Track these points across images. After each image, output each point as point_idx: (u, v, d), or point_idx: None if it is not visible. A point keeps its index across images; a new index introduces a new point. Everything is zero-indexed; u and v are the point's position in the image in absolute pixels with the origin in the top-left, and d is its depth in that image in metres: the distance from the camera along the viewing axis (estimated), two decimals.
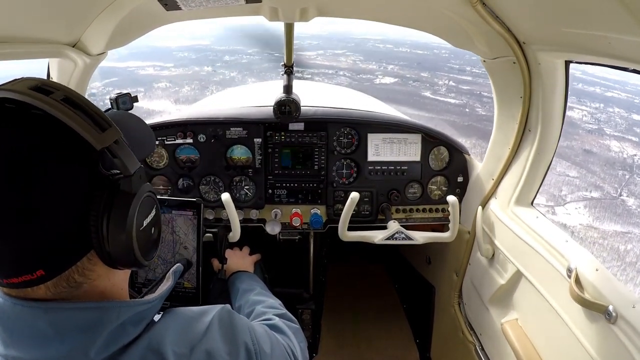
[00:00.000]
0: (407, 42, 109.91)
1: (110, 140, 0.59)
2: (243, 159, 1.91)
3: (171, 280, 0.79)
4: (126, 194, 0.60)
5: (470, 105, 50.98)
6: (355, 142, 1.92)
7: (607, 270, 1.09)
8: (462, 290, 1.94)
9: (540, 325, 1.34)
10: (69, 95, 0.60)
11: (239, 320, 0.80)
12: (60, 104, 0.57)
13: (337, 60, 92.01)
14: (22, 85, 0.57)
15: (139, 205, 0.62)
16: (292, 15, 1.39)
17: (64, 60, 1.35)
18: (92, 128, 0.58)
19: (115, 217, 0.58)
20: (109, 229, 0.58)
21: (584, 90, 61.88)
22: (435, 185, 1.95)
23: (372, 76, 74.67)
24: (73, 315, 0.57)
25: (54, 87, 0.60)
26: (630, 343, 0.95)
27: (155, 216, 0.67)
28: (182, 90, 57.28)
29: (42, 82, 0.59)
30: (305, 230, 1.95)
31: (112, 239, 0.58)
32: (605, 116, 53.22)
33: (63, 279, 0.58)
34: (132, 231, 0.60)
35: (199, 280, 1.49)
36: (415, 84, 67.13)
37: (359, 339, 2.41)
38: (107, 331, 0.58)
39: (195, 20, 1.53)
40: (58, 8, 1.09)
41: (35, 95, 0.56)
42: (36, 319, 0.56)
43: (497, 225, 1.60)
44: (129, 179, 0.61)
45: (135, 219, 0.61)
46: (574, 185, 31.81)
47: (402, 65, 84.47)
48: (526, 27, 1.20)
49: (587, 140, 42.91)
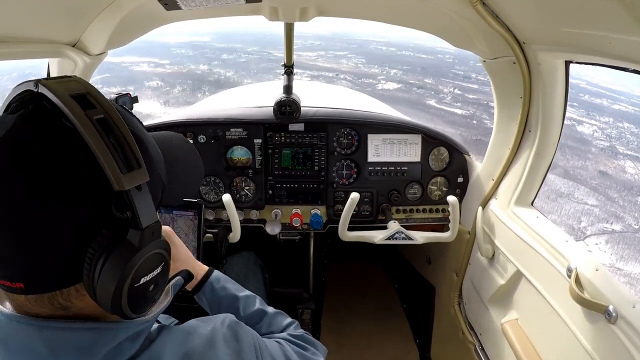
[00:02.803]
0: (410, 46, 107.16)
1: (131, 184, 0.52)
2: (243, 159, 1.91)
3: (170, 294, 0.74)
4: (130, 246, 0.54)
5: (478, 116, 47.56)
6: (355, 143, 1.92)
7: (607, 270, 1.09)
8: (462, 290, 1.94)
9: (540, 325, 1.34)
10: (109, 116, 0.54)
11: (243, 334, 0.76)
12: (94, 125, 0.51)
13: (338, 62, 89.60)
14: (65, 88, 0.53)
15: (141, 261, 0.55)
16: (292, 15, 1.39)
17: (64, 60, 1.35)
18: (117, 164, 0.51)
19: (111, 264, 0.52)
20: (100, 273, 0.52)
21: (591, 103, 58.80)
22: (436, 185, 1.95)
23: (375, 81, 72.10)
24: (68, 335, 0.55)
25: (98, 102, 0.54)
26: (630, 343, 0.94)
27: (159, 274, 0.60)
28: (173, 90, 55.26)
29: (88, 92, 0.55)
30: (305, 230, 1.95)
31: (101, 284, 0.52)
32: (616, 132, 49.68)
33: (45, 299, 0.54)
34: (125, 286, 0.54)
35: None
36: (420, 91, 64.57)
37: (359, 339, 2.41)
38: (103, 352, 0.56)
39: (195, 20, 1.54)
40: (58, 8, 1.09)
41: (72, 107, 0.51)
42: (31, 337, 0.54)
43: (497, 226, 1.60)
44: (139, 232, 0.54)
45: (131, 274, 0.54)
46: (594, 215, 26.99)
47: (405, 69, 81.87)
48: (526, 27, 1.20)
49: (601, 160, 38.48)
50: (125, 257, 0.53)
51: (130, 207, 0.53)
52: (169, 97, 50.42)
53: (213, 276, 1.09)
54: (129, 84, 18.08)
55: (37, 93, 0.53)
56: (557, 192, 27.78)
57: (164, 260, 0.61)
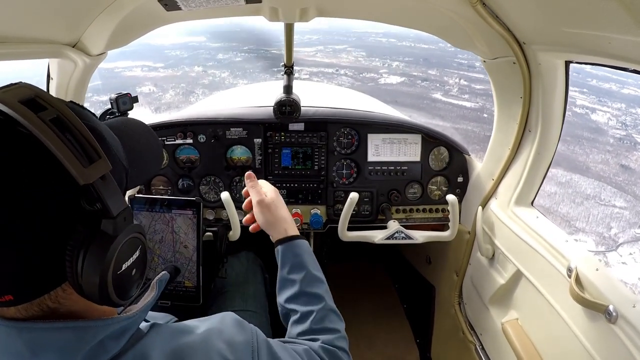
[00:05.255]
0: (410, 36, 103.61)
1: (95, 176, 0.53)
2: (243, 159, 1.91)
3: (156, 290, 0.75)
4: (106, 236, 0.55)
5: (488, 109, 44.54)
6: (355, 143, 1.92)
7: (607, 269, 1.09)
8: (462, 290, 1.95)
9: (540, 325, 1.34)
10: (62, 115, 0.54)
11: (242, 332, 0.73)
12: (48, 126, 0.51)
13: (338, 57, 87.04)
14: (13, 95, 0.52)
15: (119, 248, 0.57)
16: (292, 15, 1.39)
17: (64, 60, 1.35)
18: (78, 160, 0.52)
19: (91, 257, 0.53)
20: (83, 267, 0.53)
21: (600, 88, 55.46)
22: (435, 185, 1.95)
23: (377, 75, 69.48)
24: (47, 335, 0.54)
25: (48, 103, 0.54)
26: (630, 343, 0.95)
27: (138, 258, 0.62)
28: (165, 95, 53.36)
29: (37, 94, 0.54)
30: (305, 230, 1.95)
31: (85, 278, 0.53)
32: (631, 119, 46.26)
33: (35, 305, 0.55)
34: (108, 274, 0.55)
35: (199, 279, 1.49)
36: (424, 84, 62.01)
37: (359, 339, 2.41)
38: (83, 351, 0.56)
39: (195, 20, 1.53)
40: (58, 8, 1.09)
41: (23, 112, 0.50)
42: (11, 338, 0.54)
43: (497, 225, 1.60)
44: (112, 220, 0.55)
45: (112, 262, 0.56)
46: (624, 219, 23.90)
47: (407, 61, 78.93)
48: (526, 27, 1.20)
49: (621, 152, 35.39)
50: (103, 248, 0.54)
51: (98, 198, 0.54)
52: (160, 104, 49.06)
53: (296, 241, 1.06)
54: (120, 91, 17.76)
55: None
56: (582, 194, 25.00)
57: (140, 243, 0.62)
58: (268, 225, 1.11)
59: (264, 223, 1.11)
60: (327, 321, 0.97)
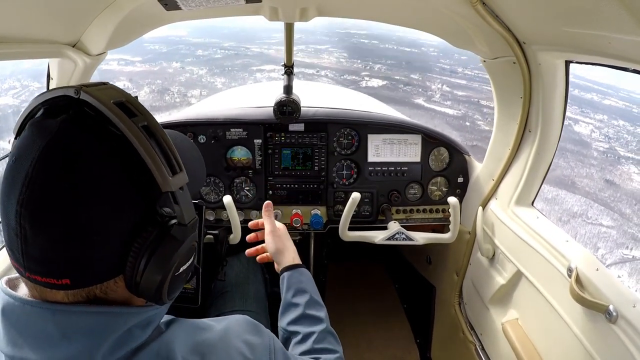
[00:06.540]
0: (393, 38, 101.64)
1: (177, 185, 0.59)
2: (243, 159, 1.91)
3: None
4: (174, 240, 0.60)
5: (470, 117, 44.25)
6: (355, 143, 1.92)
7: (607, 269, 1.09)
8: (462, 290, 1.95)
9: (540, 325, 1.34)
10: (149, 123, 0.59)
11: (260, 334, 0.76)
12: (140, 132, 0.56)
13: (320, 57, 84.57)
14: (107, 95, 0.56)
15: (183, 253, 0.62)
16: (292, 15, 1.39)
17: (64, 60, 1.35)
18: (165, 168, 0.57)
19: (158, 258, 0.58)
20: (146, 266, 0.57)
21: (582, 98, 54.69)
22: (436, 185, 1.95)
23: (358, 77, 67.62)
24: (80, 319, 0.56)
25: (137, 110, 0.59)
26: (630, 343, 0.95)
27: (191, 263, 0.68)
28: (140, 92, 50.48)
29: (127, 99, 0.59)
30: (305, 230, 1.95)
31: (146, 277, 0.58)
32: (613, 131, 45.67)
33: (84, 292, 0.57)
34: (168, 276, 0.60)
35: (198, 281, 1.49)
36: (407, 89, 61.07)
37: (359, 339, 2.41)
38: (113, 337, 0.58)
39: (195, 20, 1.53)
40: (58, 8, 1.09)
41: (119, 115, 0.55)
42: (44, 320, 0.55)
43: (498, 226, 1.60)
44: (183, 227, 0.61)
45: (175, 264, 0.61)
46: (611, 239, 23.92)
47: (389, 64, 77.18)
48: (526, 27, 1.20)
49: (605, 167, 35.06)
50: (171, 250, 0.59)
51: (177, 205, 0.59)
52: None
53: (301, 269, 1.16)
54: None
55: (77, 99, 0.55)
56: (569, 211, 25.00)
57: (194, 250, 0.68)
58: (278, 253, 1.21)
59: (275, 250, 1.21)
60: (327, 342, 1.02)
